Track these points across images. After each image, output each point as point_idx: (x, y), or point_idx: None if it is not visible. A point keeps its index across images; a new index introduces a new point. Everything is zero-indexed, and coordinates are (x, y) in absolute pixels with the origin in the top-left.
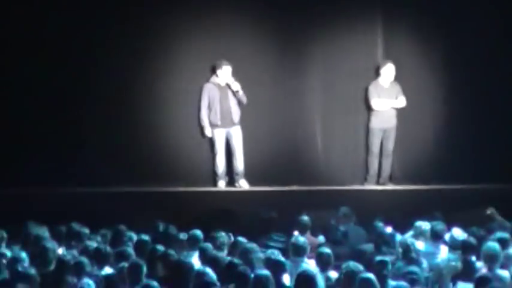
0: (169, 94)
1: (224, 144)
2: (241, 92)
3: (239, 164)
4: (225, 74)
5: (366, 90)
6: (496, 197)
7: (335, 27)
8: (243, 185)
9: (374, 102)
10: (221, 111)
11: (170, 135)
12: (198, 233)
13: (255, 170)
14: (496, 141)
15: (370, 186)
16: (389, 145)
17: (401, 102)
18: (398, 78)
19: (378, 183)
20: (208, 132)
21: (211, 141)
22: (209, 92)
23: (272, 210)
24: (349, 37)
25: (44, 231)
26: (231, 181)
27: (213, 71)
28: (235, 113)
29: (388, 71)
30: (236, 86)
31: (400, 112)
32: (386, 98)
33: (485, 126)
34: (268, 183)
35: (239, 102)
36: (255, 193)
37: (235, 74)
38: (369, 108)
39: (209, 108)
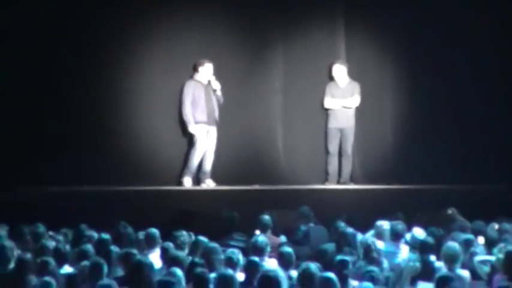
0: (135, 92)
1: (204, 143)
2: (219, 92)
3: (208, 163)
4: (206, 71)
5: None
6: (457, 197)
7: (297, 29)
8: (210, 184)
9: (326, 102)
10: (207, 109)
11: (135, 134)
12: (155, 231)
13: (219, 169)
14: (457, 142)
15: (331, 186)
16: (348, 145)
17: (354, 101)
18: (359, 78)
19: (338, 183)
20: (192, 128)
21: (190, 139)
22: (193, 90)
23: (234, 209)
24: (312, 38)
25: (2, 231)
26: (196, 180)
27: (195, 68)
28: (217, 112)
29: (337, 71)
30: (216, 84)
31: (360, 112)
32: (340, 98)
33: (445, 126)
34: (231, 183)
35: (218, 101)
36: (217, 192)
37: None
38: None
39: (194, 105)
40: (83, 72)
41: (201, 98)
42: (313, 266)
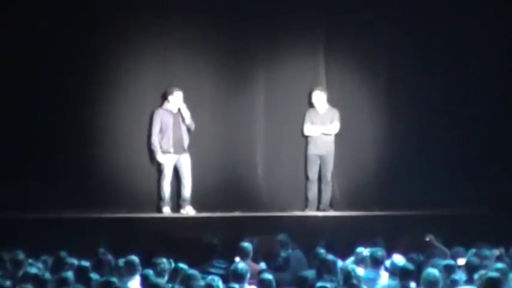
0: (114, 120)
1: (172, 171)
2: (188, 120)
3: (186, 191)
4: (176, 100)
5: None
6: (437, 223)
7: (278, 54)
8: (190, 211)
9: (306, 129)
10: (174, 137)
11: (114, 161)
12: (135, 258)
13: (198, 196)
14: (437, 167)
15: (311, 213)
16: (327, 172)
17: (333, 128)
18: (339, 103)
19: (318, 209)
20: (160, 157)
21: (158, 167)
22: (161, 118)
23: (214, 236)
24: (292, 63)
25: None
26: (176, 207)
27: (164, 97)
28: (186, 140)
29: (317, 98)
30: (186, 113)
31: (339, 138)
32: (320, 124)
33: (426, 152)
34: (212, 209)
35: (188, 129)
36: (198, 219)
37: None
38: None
39: (161, 134)
40: (61, 99)
41: (169, 126)
42: None
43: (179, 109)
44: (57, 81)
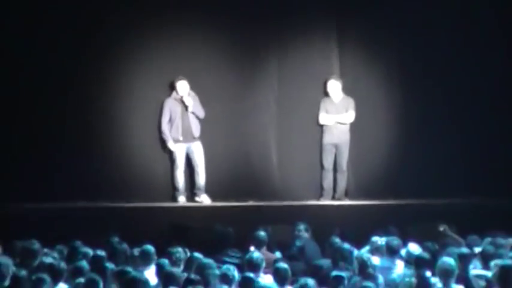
0: (127, 110)
1: (184, 160)
2: (191, 109)
3: (201, 179)
4: (182, 88)
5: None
6: (452, 212)
7: (291, 43)
8: (205, 200)
9: (321, 118)
10: (182, 126)
11: (128, 150)
12: (150, 248)
13: (213, 185)
14: (452, 156)
15: (326, 202)
16: (343, 161)
17: (349, 117)
18: (353, 92)
19: (333, 198)
20: (171, 145)
21: (171, 157)
22: (170, 107)
23: (229, 225)
24: (305, 52)
25: None
26: (191, 196)
27: (172, 86)
28: (196, 128)
29: (332, 87)
30: (189, 101)
31: (354, 127)
32: (335, 113)
33: (439, 141)
34: (226, 199)
35: (197, 118)
36: (212, 208)
37: (195, 89)
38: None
39: (170, 123)
40: (73, 91)
41: (177, 115)
42: (311, 282)
43: (182, 97)
44: (66, 73)
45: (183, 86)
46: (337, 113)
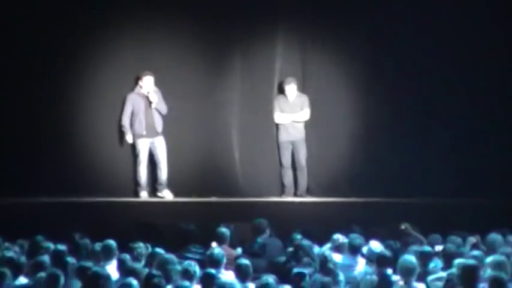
0: (90, 104)
1: (147, 155)
2: (155, 105)
3: (163, 174)
4: (147, 84)
5: None
6: (413, 210)
7: (255, 41)
8: (167, 195)
9: (276, 117)
10: (146, 121)
11: (91, 145)
12: (112, 243)
13: (175, 181)
14: (412, 154)
15: (288, 198)
16: (300, 158)
17: (304, 115)
18: (314, 88)
19: (295, 195)
20: (129, 138)
21: (134, 152)
22: (133, 102)
23: (191, 221)
24: (268, 51)
25: None
26: (153, 191)
27: (137, 81)
28: (158, 123)
29: (287, 85)
30: (153, 97)
31: (312, 124)
32: (289, 112)
33: (401, 138)
34: (188, 195)
35: (160, 113)
36: (175, 204)
37: (159, 86)
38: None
39: (133, 118)
40: (37, 84)
41: (140, 110)
42: (271, 280)
43: (148, 93)
44: (34, 65)
45: (148, 82)
46: (292, 112)
